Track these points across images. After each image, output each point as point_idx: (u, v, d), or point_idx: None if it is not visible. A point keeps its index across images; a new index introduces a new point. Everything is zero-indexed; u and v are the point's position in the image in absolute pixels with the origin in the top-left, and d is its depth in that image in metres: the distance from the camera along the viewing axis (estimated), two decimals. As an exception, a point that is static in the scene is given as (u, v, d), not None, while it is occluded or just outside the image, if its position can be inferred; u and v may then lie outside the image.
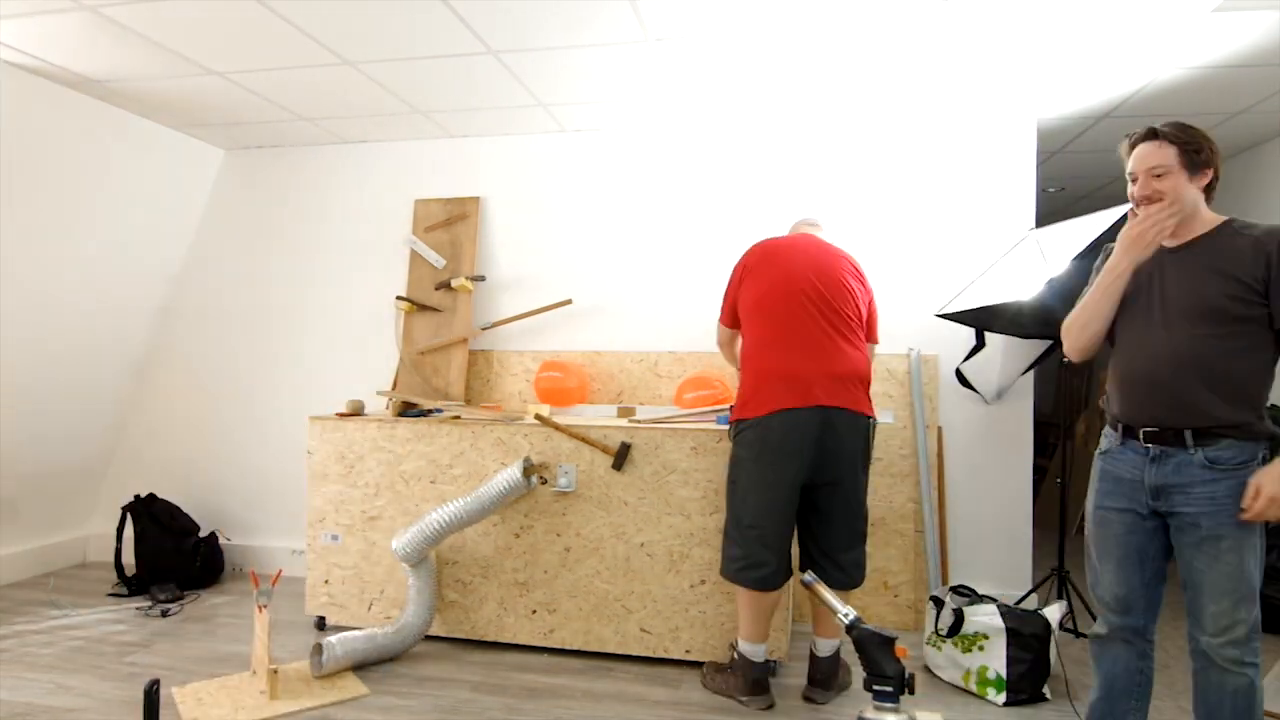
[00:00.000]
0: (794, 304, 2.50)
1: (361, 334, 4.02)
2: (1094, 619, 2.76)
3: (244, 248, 4.17)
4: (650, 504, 2.89)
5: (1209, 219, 1.86)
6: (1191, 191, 1.83)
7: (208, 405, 4.18)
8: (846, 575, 2.53)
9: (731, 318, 2.70)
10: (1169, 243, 1.88)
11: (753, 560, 2.47)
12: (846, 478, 2.47)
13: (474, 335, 3.78)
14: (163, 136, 3.76)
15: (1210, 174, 1.84)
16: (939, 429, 3.45)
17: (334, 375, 4.04)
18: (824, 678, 2.60)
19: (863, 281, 2.63)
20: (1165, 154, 1.83)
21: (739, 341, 2.71)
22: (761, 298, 2.55)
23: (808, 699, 2.60)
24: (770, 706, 2.55)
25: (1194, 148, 1.82)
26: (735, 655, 2.59)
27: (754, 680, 2.54)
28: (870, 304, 2.66)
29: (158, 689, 2.08)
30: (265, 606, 2.58)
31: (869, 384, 2.54)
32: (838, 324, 2.50)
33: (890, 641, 2.14)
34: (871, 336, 2.66)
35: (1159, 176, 1.83)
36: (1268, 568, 3.31)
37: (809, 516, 2.54)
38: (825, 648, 2.59)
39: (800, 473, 2.44)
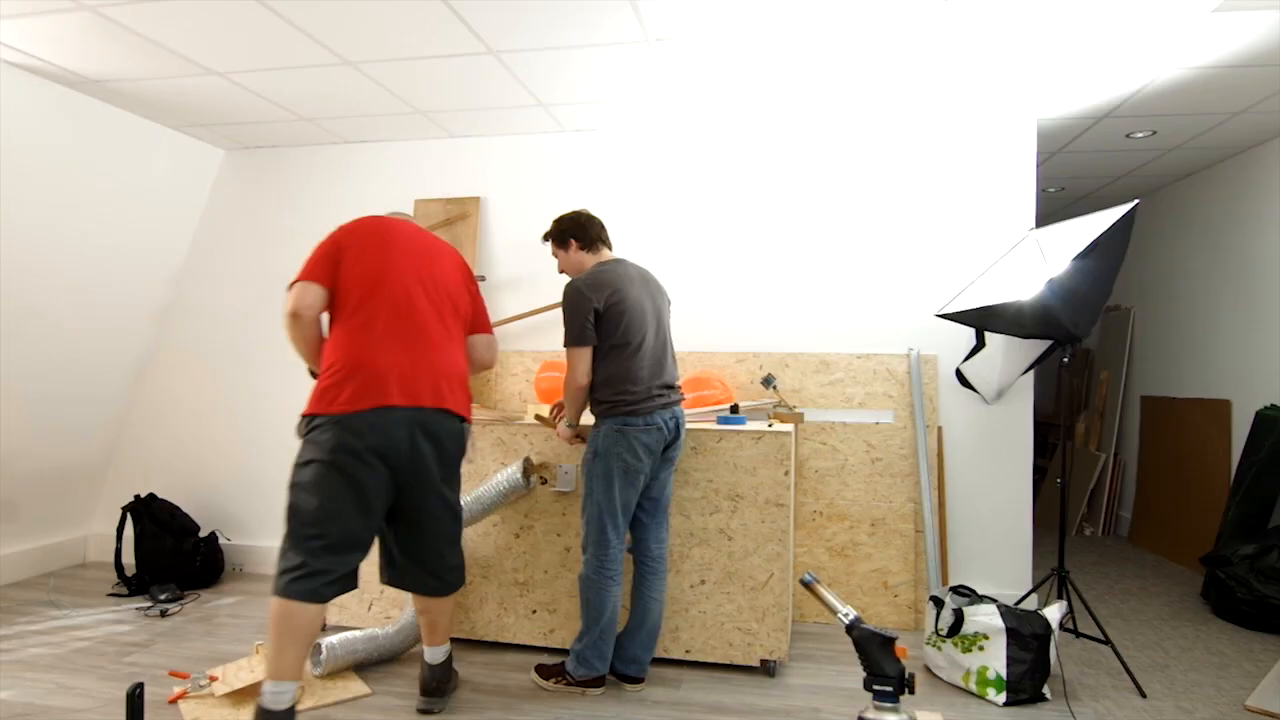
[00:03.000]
0: (408, 293, 2.28)
1: (361, 334, 4.01)
2: (1094, 619, 2.77)
3: (244, 248, 4.17)
4: (650, 504, 2.89)
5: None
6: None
7: (208, 405, 4.18)
8: (443, 582, 2.40)
9: (330, 278, 2.26)
10: None
11: (311, 569, 2.11)
12: (437, 479, 2.31)
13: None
14: (163, 136, 3.76)
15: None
16: (939, 429, 3.45)
17: (334, 375, 4.04)
18: (438, 685, 2.49)
19: (470, 276, 2.53)
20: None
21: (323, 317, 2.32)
22: (369, 279, 2.25)
23: (422, 711, 2.46)
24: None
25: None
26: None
27: None
28: (478, 299, 2.54)
29: (141, 692, 2.08)
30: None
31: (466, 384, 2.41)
32: (450, 321, 2.35)
33: (890, 641, 2.14)
34: (482, 327, 2.55)
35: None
36: (1267, 568, 3.32)
37: (395, 522, 2.34)
38: (439, 654, 2.49)
39: (379, 474, 2.20)
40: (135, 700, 2.07)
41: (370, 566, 3.14)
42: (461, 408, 2.35)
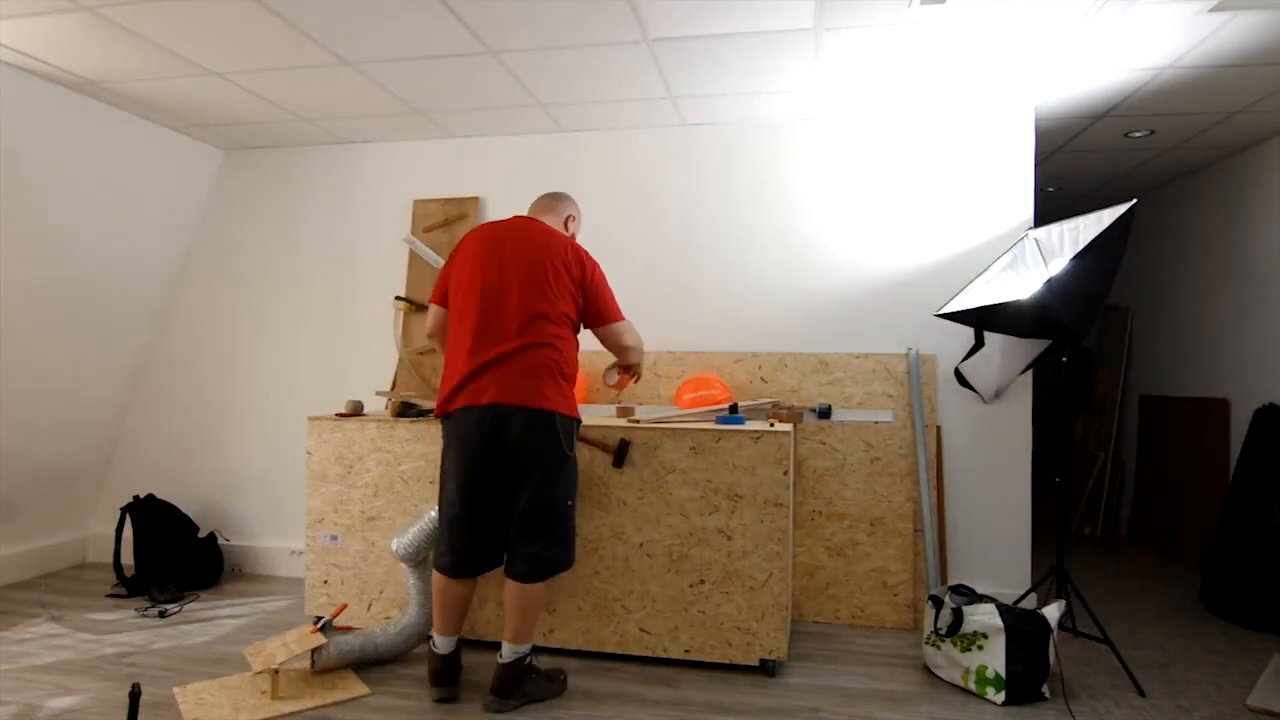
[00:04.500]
0: (477, 298, 2.46)
1: (361, 334, 4.02)
2: (1093, 618, 2.77)
3: (244, 248, 4.17)
4: (649, 504, 2.89)
5: None
6: None
7: (207, 406, 4.18)
8: (525, 566, 2.48)
9: (440, 297, 2.64)
10: None
11: (444, 547, 2.52)
12: (522, 471, 2.44)
13: (473, 335, 3.78)
14: (163, 136, 3.76)
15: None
16: (938, 428, 3.45)
17: (333, 375, 4.05)
18: (502, 686, 2.48)
19: (574, 267, 2.53)
20: None
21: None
22: (457, 288, 2.53)
23: (487, 708, 2.49)
24: (449, 700, 2.54)
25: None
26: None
27: (436, 670, 2.54)
28: (592, 286, 2.57)
29: (139, 691, 2.09)
30: (318, 628, 2.69)
31: (566, 376, 2.49)
32: (525, 319, 2.43)
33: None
34: (599, 320, 2.61)
35: None
36: (1266, 567, 3.32)
37: (504, 507, 2.51)
38: (507, 652, 2.49)
39: (479, 466, 2.44)
40: (135, 700, 2.08)
41: (360, 561, 3.15)
42: (537, 400, 2.43)
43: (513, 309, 2.44)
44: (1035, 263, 3.07)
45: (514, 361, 2.41)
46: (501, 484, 2.47)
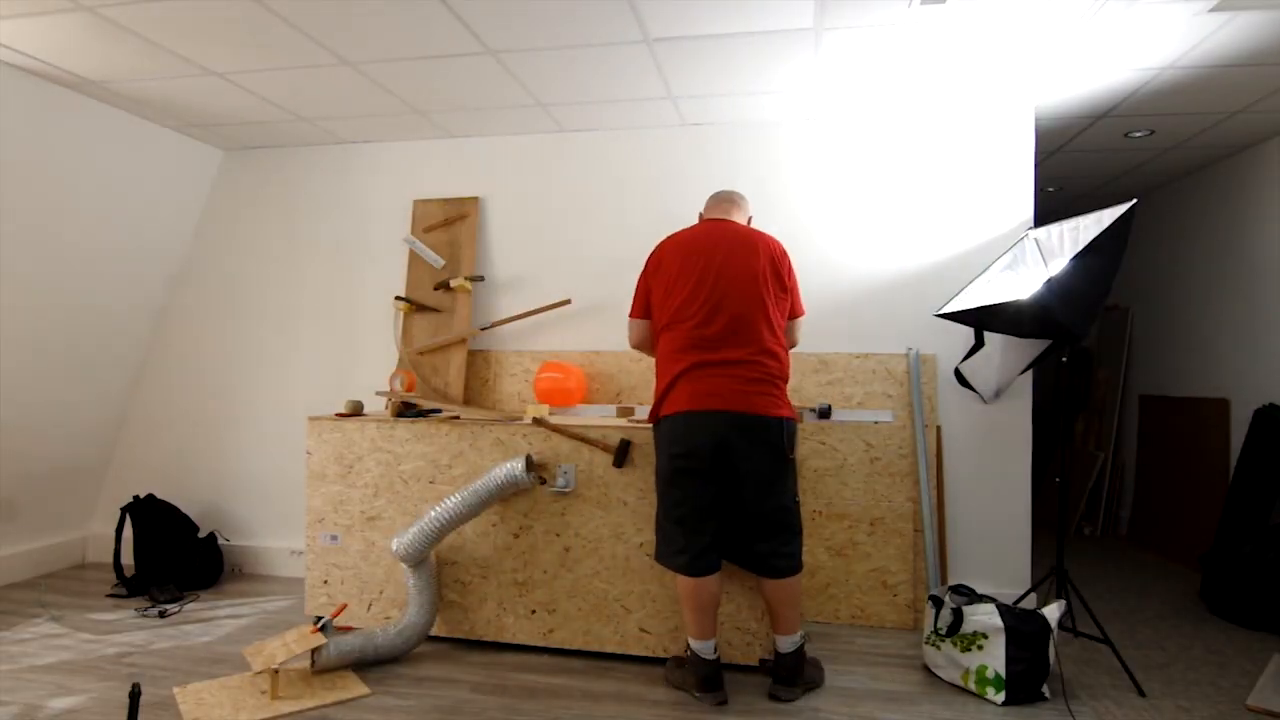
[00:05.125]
0: (697, 307, 2.52)
1: (361, 334, 4.02)
2: (1093, 618, 2.77)
3: (243, 248, 4.17)
4: (649, 504, 2.89)
5: None
6: None
7: (207, 405, 4.18)
8: (765, 563, 2.56)
9: (642, 310, 2.72)
10: None
11: (677, 547, 2.54)
12: (753, 476, 2.48)
13: (473, 335, 3.79)
14: (162, 136, 3.76)
15: None
16: (938, 428, 3.45)
17: (333, 375, 4.05)
18: (788, 674, 2.60)
19: (781, 267, 2.61)
20: None
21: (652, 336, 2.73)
22: (668, 298, 2.58)
23: (773, 697, 2.59)
24: (723, 703, 2.55)
25: None
26: (687, 651, 2.63)
27: (704, 676, 2.56)
28: (790, 280, 2.65)
29: (139, 691, 2.10)
30: (318, 628, 2.69)
31: (785, 382, 2.57)
32: (747, 326, 2.51)
33: None
34: (790, 314, 2.68)
35: None
36: (1266, 567, 3.32)
37: (730, 511, 2.57)
38: (785, 644, 2.60)
39: (706, 470, 2.48)
40: (135, 700, 2.08)
41: (355, 558, 3.15)
42: (767, 409, 2.50)
43: (736, 318, 2.50)
44: (1035, 263, 3.08)
45: (742, 371, 2.48)
46: (729, 487, 2.52)
